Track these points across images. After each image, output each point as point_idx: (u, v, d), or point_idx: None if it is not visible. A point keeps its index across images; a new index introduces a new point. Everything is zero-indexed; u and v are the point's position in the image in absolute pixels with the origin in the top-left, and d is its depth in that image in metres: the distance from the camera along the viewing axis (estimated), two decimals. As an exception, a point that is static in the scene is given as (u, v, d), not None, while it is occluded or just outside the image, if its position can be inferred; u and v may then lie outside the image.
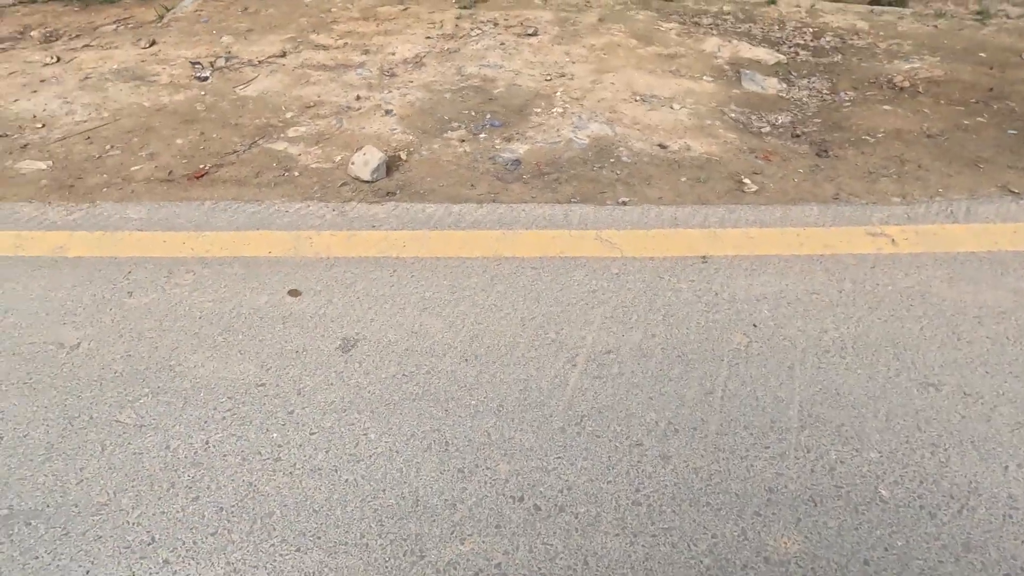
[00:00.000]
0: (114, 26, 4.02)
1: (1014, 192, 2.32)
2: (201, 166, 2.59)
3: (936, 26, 3.84)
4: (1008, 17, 3.96)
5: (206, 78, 3.31)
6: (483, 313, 1.83)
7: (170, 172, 2.56)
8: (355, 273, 1.97)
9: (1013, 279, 1.91)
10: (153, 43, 3.71)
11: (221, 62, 3.46)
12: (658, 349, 1.71)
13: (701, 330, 1.77)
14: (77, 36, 3.86)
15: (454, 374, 1.65)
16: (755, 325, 1.78)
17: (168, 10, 4.22)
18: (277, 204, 2.33)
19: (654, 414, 1.54)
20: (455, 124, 2.85)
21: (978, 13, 4.00)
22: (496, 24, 3.92)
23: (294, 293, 1.91)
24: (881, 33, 3.76)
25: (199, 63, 3.45)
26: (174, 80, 3.29)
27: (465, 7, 4.17)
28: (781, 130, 2.81)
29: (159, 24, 4.04)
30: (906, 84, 3.15)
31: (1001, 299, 1.85)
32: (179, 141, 2.77)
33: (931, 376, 1.62)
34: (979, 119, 2.82)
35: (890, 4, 4.19)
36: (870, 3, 4.24)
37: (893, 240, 2.08)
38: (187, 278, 1.98)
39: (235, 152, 2.68)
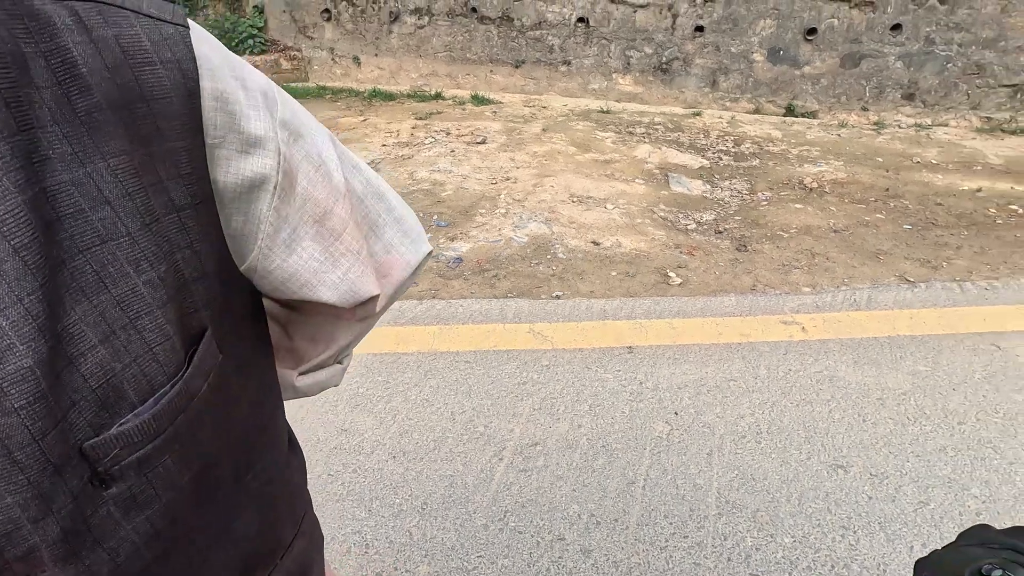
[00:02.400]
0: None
1: (910, 281, 2.55)
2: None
3: (839, 135, 4.33)
4: (900, 127, 4.50)
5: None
6: (415, 408, 1.86)
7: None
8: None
9: (911, 362, 2.06)
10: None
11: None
12: (583, 440, 1.76)
13: (625, 419, 1.83)
14: None
15: (381, 472, 1.65)
16: (676, 413, 1.86)
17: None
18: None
19: (577, 507, 1.56)
20: (403, 225, 3.02)
21: (875, 124, 4.54)
22: (449, 133, 4.25)
23: (227, 393, 1.92)
24: (793, 141, 4.21)
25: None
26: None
27: (421, 118, 4.54)
28: (705, 227, 3.06)
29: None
30: (815, 185, 3.50)
31: (901, 381, 1.98)
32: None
33: (840, 458, 1.70)
34: (878, 215, 3.14)
35: (800, 116, 4.73)
36: (783, 115, 4.77)
37: (804, 328, 2.24)
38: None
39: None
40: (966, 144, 4.17)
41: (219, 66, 0.37)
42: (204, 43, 0.37)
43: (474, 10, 5.10)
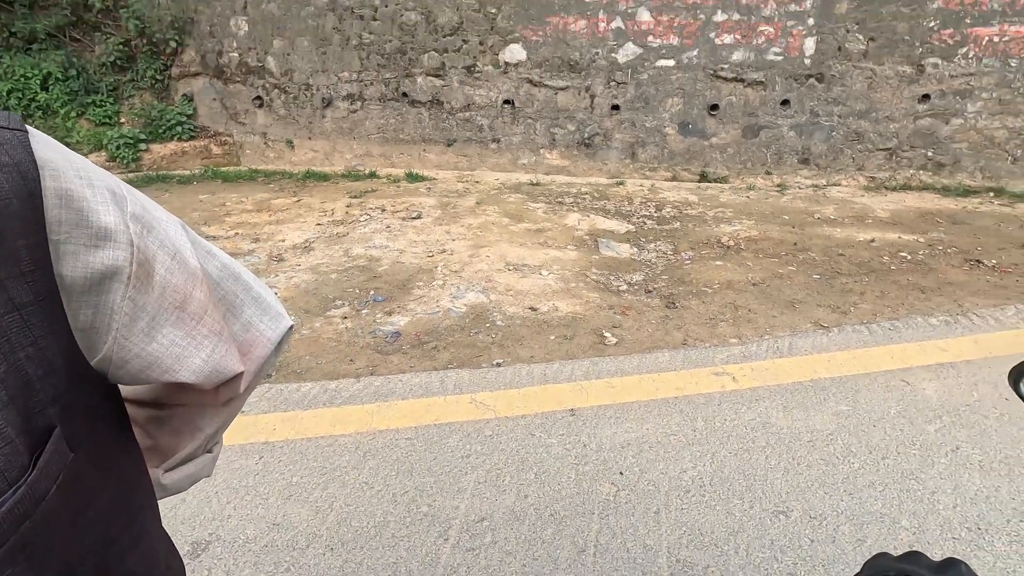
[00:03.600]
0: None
1: (824, 326, 2.74)
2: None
3: (749, 196, 4.73)
4: (800, 188, 4.97)
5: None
6: (353, 493, 1.77)
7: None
8: (216, 464, 1.86)
9: (833, 403, 2.18)
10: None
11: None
12: (531, 510, 1.72)
13: (572, 484, 1.81)
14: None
15: (317, 568, 1.54)
16: (622, 473, 1.86)
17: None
18: (139, 398, 2.22)
19: (528, 582, 1.50)
20: (339, 302, 2.98)
21: (778, 185, 5.00)
22: (384, 210, 4.32)
23: (143, 495, 1.75)
24: (708, 204, 4.55)
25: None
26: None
27: (356, 196, 4.59)
28: (636, 287, 3.19)
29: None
30: (731, 243, 3.76)
31: (827, 422, 2.08)
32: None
33: (780, 503, 1.74)
34: (790, 268, 3.40)
35: (713, 181, 5.15)
36: (698, 180, 5.18)
37: (734, 378, 2.34)
38: None
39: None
40: (857, 201, 4.65)
41: (62, 166, 0.38)
42: (44, 145, 0.38)
43: (405, 95, 5.34)
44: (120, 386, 0.48)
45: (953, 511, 1.71)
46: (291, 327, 0.58)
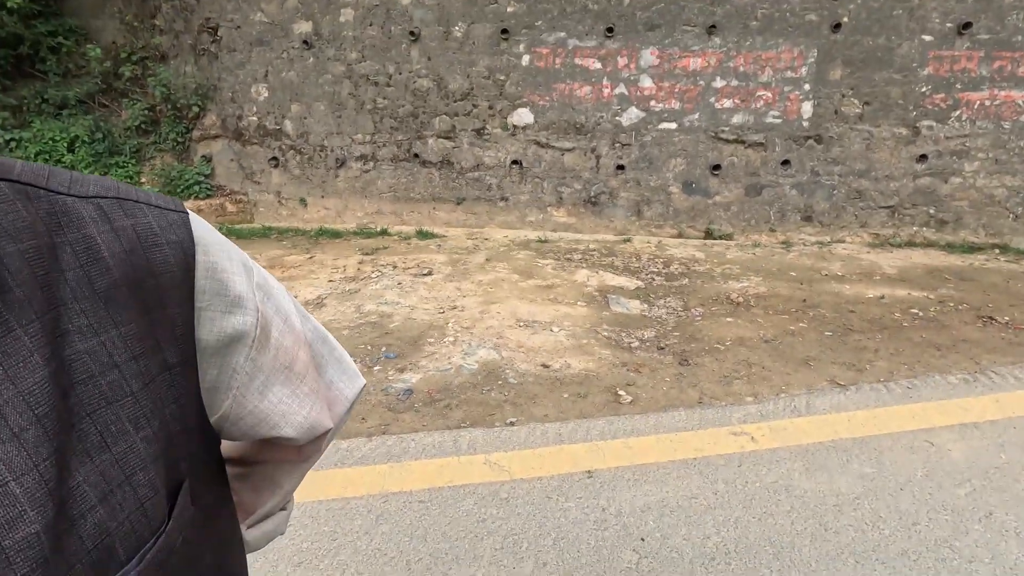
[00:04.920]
0: None
1: (841, 384, 2.70)
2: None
3: (755, 253, 4.78)
4: (805, 244, 5.03)
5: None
6: (365, 560, 1.71)
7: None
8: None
9: (857, 464, 2.12)
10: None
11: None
12: (550, 579, 1.65)
13: (592, 551, 1.74)
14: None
15: (327, 642, 1.46)
16: (643, 539, 1.79)
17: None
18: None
19: (549, 660, 1.42)
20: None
21: (783, 242, 5.07)
22: (395, 267, 4.38)
23: (148, 562, 1.69)
24: (715, 260, 4.60)
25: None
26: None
27: (368, 253, 4.67)
28: (648, 344, 3.18)
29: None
30: (741, 300, 3.77)
31: (852, 485, 2.02)
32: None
33: (810, 573, 1.67)
34: (801, 324, 3.39)
35: (719, 238, 5.22)
36: (704, 237, 5.26)
37: (753, 438, 2.29)
38: None
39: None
40: (863, 257, 4.69)
41: (211, 242, 0.43)
42: (199, 225, 0.43)
43: (417, 155, 5.53)
44: None
45: (993, 583, 1.63)
46: (364, 386, 0.61)
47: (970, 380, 2.73)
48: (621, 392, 2.64)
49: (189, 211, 0.43)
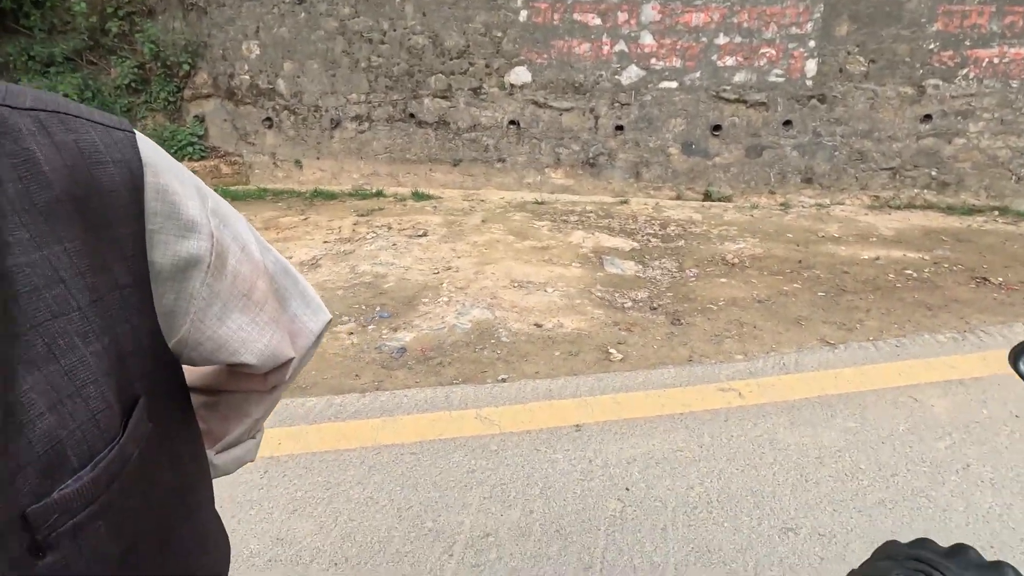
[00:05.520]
0: None
1: (830, 343, 2.73)
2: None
3: (753, 215, 4.75)
4: (803, 207, 4.99)
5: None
6: (358, 508, 1.76)
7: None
8: (219, 481, 1.86)
9: (841, 419, 2.16)
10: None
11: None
12: (536, 526, 1.70)
13: (578, 500, 1.80)
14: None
15: (320, 582, 1.52)
16: (628, 489, 1.84)
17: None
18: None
19: (533, 599, 1.48)
20: (345, 318, 3.00)
21: (782, 204, 5.03)
22: (390, 228, 4.36)
23: (148, 509, 1.75)
24: (713, 222, 4.57)
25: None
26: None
27: (363, 215, 4.65)
28: (640, 304, 3.20)
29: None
30: (736, 261, 3.77)
31: (835, 439, 2.06)
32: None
33: (789, 520, 1.72)
34: (795, 285, 3.40)
35: (717, 200, 5.18)
36: (702, 199, 5.21)
37: (740, 394, 2.33)
38: None
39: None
40: (861, 219, 4.66)
41: (161, 164, 0.43)
42: (147, 146, 0.43)
43: (412, 116, 5.44)
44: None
45: (966, 529, 1.68)
46: (329, 320, 0.62)
47: (959, 339, 2.75)
48: (612, 350, 2.66)
49: (136, 131, 0.43)
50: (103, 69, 5.62)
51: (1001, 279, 3.43)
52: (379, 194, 5.31)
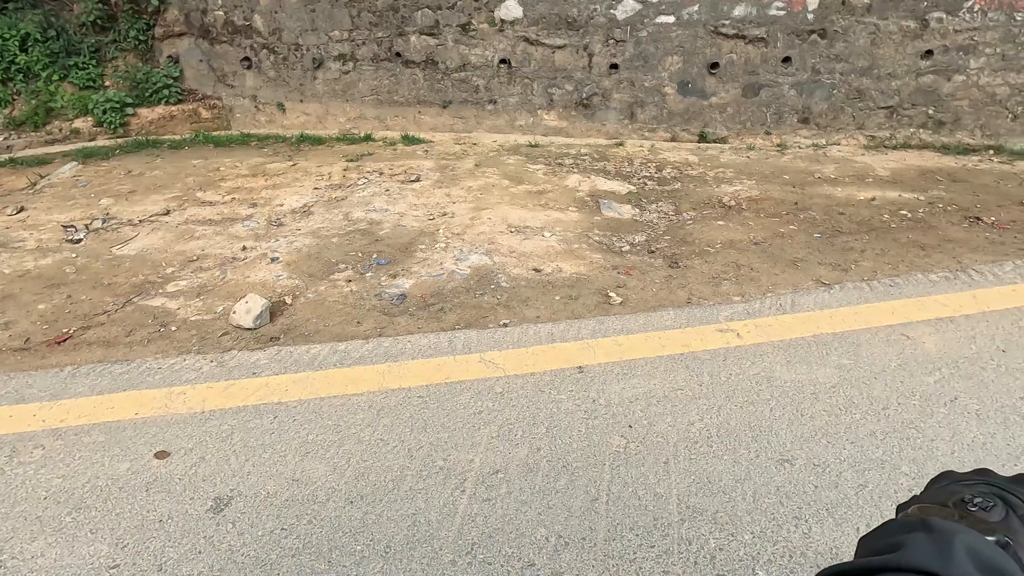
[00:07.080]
0: (-22, 196, 3.88)
1: (825, 284, 2.76)
2: (64, 330, 2.45)
3: (749, 157, 4.69)
4: (800, 147, 4.94)
5: (79, 240, 3.24)
6: (369, 449, 1.80)
7: (27, 340, 2.39)
8: (232, 425, 1.89)
9: (836, 357, 2.22)
10: (22, 209, 3.62)
11: (98, 223, 3.42)
12: (544, 462, 1.76)
13: (582, 437, 1.85)
14: (-68, 208, 3.67)
15: (338, 520, 1.58)
16: (630, 426, 1.90)
17: (42, 177, 4.17)
18: (149, 361, 2.23)
19: (544, 530, 1.55)
20: (342, 266, 2.97)
21: (778, 145, 4.96)
22: (382, 173, 4.25)
23: (161, 455, 1.78)
24: (708, 164, 4.52)
25: (72, 226, 3.39)
26: (42, 245, 3.19)
27: (352, 160, 4.52)
28: (638, 248, 3.20)
29: (31, 191, 3.96)
30: (732, 203, 3.75)
31: (829, 375, 2.13)
32: (41, 306, 2.63)
33: (785, 452, 1.79)
34: (791, 227, 3.40)
35: (713, 141, 5.10)
36: (697, 141, 5.13)
37: (738, 334, 2.37)
38: (34, 454, 1.79)
39: (105, 312, 2.58)
40: (857, 160, 4.63)
41: None
42: None
43: (399, 55, 5.20)
44: None
45: (951, 458, 1.77)
46: None
47: (951, 278, 2.80)
48: (611, 294, 2.68)
49: None
50: (65, 5, 5.26)
51: (994, 218, 3.46)
52: (368, 138, 5.15)
